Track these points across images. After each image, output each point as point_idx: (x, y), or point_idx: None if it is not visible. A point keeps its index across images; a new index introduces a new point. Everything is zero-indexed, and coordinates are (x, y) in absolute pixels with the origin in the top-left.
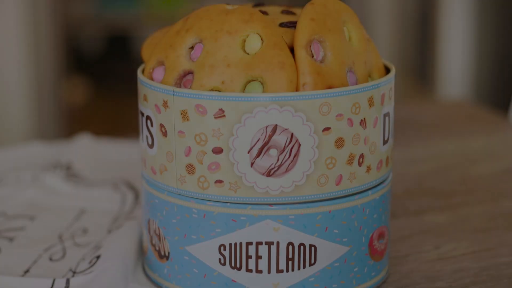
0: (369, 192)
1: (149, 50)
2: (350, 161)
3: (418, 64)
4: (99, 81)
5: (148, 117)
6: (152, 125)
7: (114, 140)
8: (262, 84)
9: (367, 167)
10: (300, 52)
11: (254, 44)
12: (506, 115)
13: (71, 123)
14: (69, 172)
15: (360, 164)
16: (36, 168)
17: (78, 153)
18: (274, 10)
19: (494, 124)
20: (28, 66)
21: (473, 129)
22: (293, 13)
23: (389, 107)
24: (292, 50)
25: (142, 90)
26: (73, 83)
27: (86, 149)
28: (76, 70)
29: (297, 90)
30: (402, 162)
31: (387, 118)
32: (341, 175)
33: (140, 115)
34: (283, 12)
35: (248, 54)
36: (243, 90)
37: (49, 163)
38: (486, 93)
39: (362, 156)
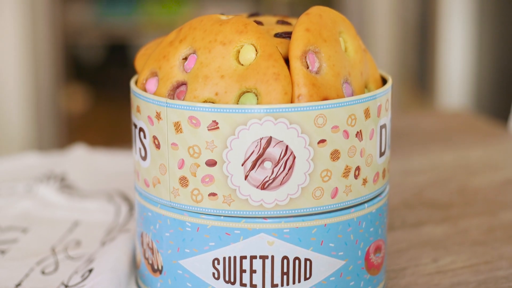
0: (365, 205)
1: (143, 60)
2: (346, 174)
3: (418, 72)
4: (98, 89)
5: (141, 129)
6: (145, 137)
7: (110, 150)
8: (256, 95)
9: (363, 179)
10: (295, 63)
11: (248, 55)
12: (506, 125)
13: (70, 131)
14: (63, 183)
15: (356, 177)
16: (30, 179)
17: (73, 164)
18: (269, 21)
19: (494, 134)
20: (26, 74)
21: (472, 139)
22: (288, 24)
23: (385, 118)
24: (287, 61)
25: (135, 101)
26: (72, 91)
27: (81, 159)
28: (75, 78)
29: (292, 101)
30: (400, 173)
31: (383, 130)
32: (336, 188)
33: (133, 127)
34: (278, 22)
35: (242, 65)
36: (237, 101)
37: (43, 174)
38: (486, 102)
39: (358, 168)
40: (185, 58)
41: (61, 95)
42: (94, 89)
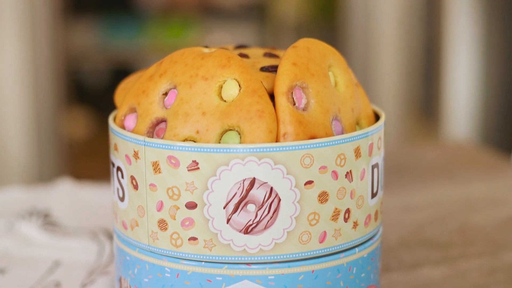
0: (356, 249)
1: (122, 95)
2: (335, 217)
3: (423, 101)
4: (101, 115)
5: (118, 168)
6: (122, 176)
7: (98, 183)
8: (239, 134)
9: (354, 222)
10: (281, 100)
11: (231, 90)
12: (510, 159)
13: (72, 157)
14: (46, 220)
15: (346, 220)
16: (12, 216)
17: (58, 199)
18: (256, 53)
19: (498, 168)
20: (26, 99)
21: (475, 174)
22: (276, 56)
23: (378, 157)
24: (273, 97)
25: (112, 139)
26: (75, 117)
27: (66, 194)
28: (78, 103)
29: (277, 140)
30: (399, 210)
31: (375, 170)
32: (325, 232)
33: (111, 166)
34: (265, 55)
35: (224, 101)
36: (219, 140)
37: (25, 210)
38: (493, 134)
39: (348, 211)
40: (165, 94)
41: (62, 121)
42: (98, 115)
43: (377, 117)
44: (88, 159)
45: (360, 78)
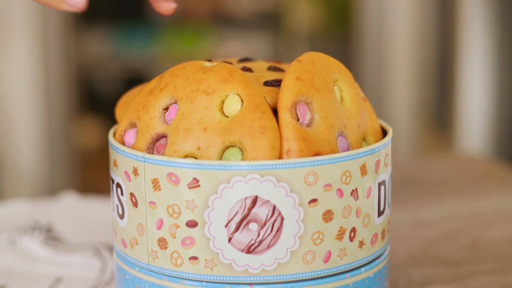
0: (362, 269)
1: (123, 109)
2: (340, 236)
3: (437, 111)
4: (114, 124)
5: (118, 185)
6: (122, 193)
7: (103, 197)
8: (241, 150)
9: (360, 242)
10: (284, 115)
11: (233, 105)
12: None
13: (84, 166)
14: (49, 235)
15: (351, 239)
16: (13, 230)
17: (61, 213)
18: (260, 67)
19: (511, 183)
20: (39, 107)
21: (488, 188)
22: (281, 70)
23: (385, 174)
24: (277, 112)
25: (112, 154)
26: (87, 125)
27: (70, 208)
28: (91, 112)
29: (280, 157)
30: (409, 225)
31: (382, 187)
32: (330, 252)
33: (111, 182)
34: (269, 68)
35: (226, 116)
36: (221, 157)
37: (27, 225)
38: (506, 146)
39: (353, 230)
40: (166, 108)
41: (74, 130)
42: (110, 124)
43: (384, 133)
44: (99, 168)
45: (373, 88)
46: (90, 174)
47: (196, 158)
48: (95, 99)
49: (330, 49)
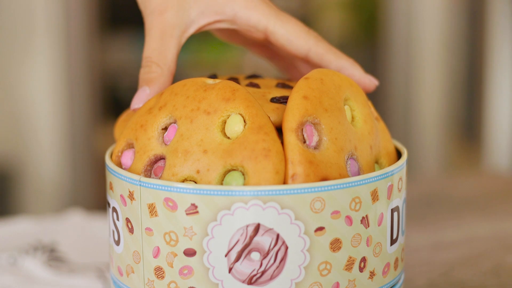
0: None
1: (121, 128)
2: (349, 267)
3: (464, 126)
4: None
5: (114, 209)
6: (118, 218)
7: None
8: (243, 174)
9: (370, 272)
10: (289, 137)
11: (235, 126)
12: None
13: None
14: (52, 255)
15: (361, 270)
16: (15, 250)
17: (66, 232)
18: (268, 83)
19: None
20: (62, 114)
21: None
22: (289, 87)
23: (398, 200)
24: (281, 132)
25: (108, 177)
26: (112, 133)
27: (75, 227)
28: (115, 120)
29: (284, 182)
30: (429, 247)
31: (395, 214)
32: (338, 283)
33: (107, 205)
34: (278, 85)
35: (228, 138)
36: (221, 181)
37: (30, 245)
38: None
39: (364, 259)
40: (165, 128)
41: (98, 138)
42: None
43: (399, 154)
44: None
45: (401, 100)
46: None
47: (195, 182)
48: (120, 107)
49: (358, 58)
